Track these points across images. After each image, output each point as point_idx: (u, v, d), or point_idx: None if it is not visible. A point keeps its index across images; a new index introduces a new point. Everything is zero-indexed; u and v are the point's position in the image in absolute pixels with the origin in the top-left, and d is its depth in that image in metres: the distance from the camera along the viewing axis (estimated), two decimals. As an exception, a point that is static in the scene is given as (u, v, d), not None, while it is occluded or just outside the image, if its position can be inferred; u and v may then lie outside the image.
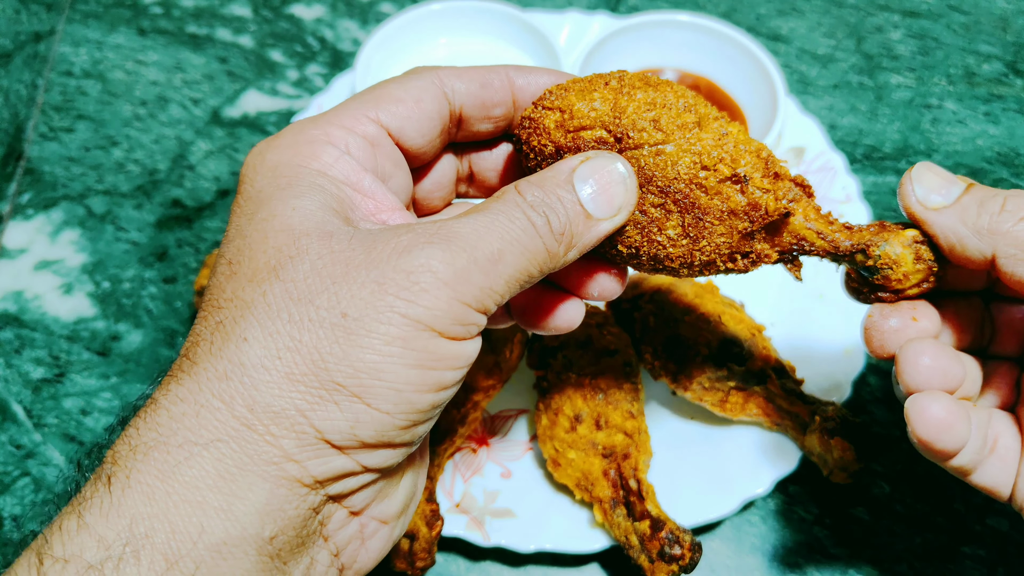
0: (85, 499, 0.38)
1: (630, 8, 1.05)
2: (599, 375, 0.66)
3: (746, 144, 0.46)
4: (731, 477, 0.68)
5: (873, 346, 0.49)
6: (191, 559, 0.37)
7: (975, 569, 0.67)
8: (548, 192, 0.43)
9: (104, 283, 0.84)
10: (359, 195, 0.45)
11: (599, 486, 0.65)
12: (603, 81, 0.47)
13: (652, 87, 0.46)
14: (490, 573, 0.68)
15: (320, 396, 0.39)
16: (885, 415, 0.75)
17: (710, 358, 0.68)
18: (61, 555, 0.37)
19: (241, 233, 0.42)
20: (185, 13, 1.06)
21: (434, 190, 0.53)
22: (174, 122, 0.96)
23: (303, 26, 1.04)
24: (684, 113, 0.45)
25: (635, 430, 0.65)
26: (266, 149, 0.45)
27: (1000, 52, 1.00)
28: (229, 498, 0.38)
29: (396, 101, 0.47)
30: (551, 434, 0.67)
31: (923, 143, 0.93)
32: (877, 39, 1.02)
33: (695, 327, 0.68)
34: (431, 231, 0.41)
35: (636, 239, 0.47)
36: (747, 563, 0.68)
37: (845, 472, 0.65)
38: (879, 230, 0.48)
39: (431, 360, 0.40)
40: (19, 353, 0.80)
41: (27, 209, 0.89)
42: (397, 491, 0.46)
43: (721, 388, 0.68)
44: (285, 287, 0.40)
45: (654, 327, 0.69)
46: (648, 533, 0.61)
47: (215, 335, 0.40)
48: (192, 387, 0.39)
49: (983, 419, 0.48)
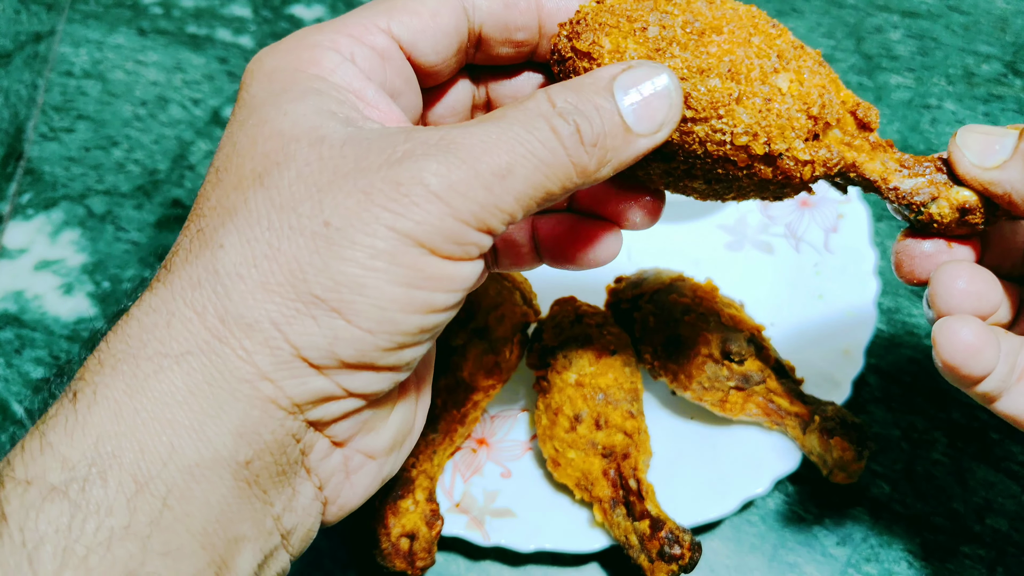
0: (49, 417, 0.36)
1: (630, 8, 1.06)
2: (599, 375, 0.66)
3: (796, 100, 0.42)
4: (730, 477, 0.68)
5: (903, 271, 0.47)
6: (162, 481, 0.35)
7: (974, 569, 0.67)
8: (583, 99, 0.39)
9: (104, 283, 0.84)
10: (363, 103, 0.42)
11: (599, 486, 0.65)
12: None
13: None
14: (490, 573, 0.68)
15: (296, 309, 0.36)
16: (885, 415, 0.75)
17: (710, 358, 0.68)
18: (23, 477, 0.34)
19: (232, 140, 0.40)
20: (185, 13, 1.06)
21: (446, 115, 0.49)
22: (174, 122, 0.96)
23: (303, 26, 1.04)
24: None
25: (635, 430, 0.66)
26: (265, 56, 0.42)
27: (999, 52, 1.00)
28: (200, 416, 0.35)
29: (411, 13, 0.43)
30: (551, 434, 0.67)
31: (922, 143, 0.93)
32: (876, 39, 1.02)
33: (695, 327, 0.68)
34: (432, 139, 0.37)
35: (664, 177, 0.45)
36: (747, 563, 0.68)
37: (845, 472, 0.65)
38: (931, 181, 0.45)
39: (420, 279, 0.37)
40: (19, 353, 0.80)
41: (27, 209, 0.89)
42: (386, 425, 0.43)
43: (721, 388, 0.68)
44: (268, 194, 0.37)
45: (654, 327, 0.69)
46: (648, 533, 0.61)
47: (193, 243, 0.38)
48: (165, 296, 0.37)
49: (1014, 346, 0.44)
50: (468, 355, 0.67)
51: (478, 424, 0.73)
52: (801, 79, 0.43)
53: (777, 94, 0.42)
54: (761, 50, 0.43)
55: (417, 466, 0.64)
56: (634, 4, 0.44)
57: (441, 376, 0.67)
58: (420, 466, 0.64)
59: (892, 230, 0.86)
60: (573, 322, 0.69)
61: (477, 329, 0.68)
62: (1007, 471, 0.72)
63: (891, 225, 0.87)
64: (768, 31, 0.44)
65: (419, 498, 0.63)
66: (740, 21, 0.43)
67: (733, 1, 0.45)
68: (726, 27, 0.43)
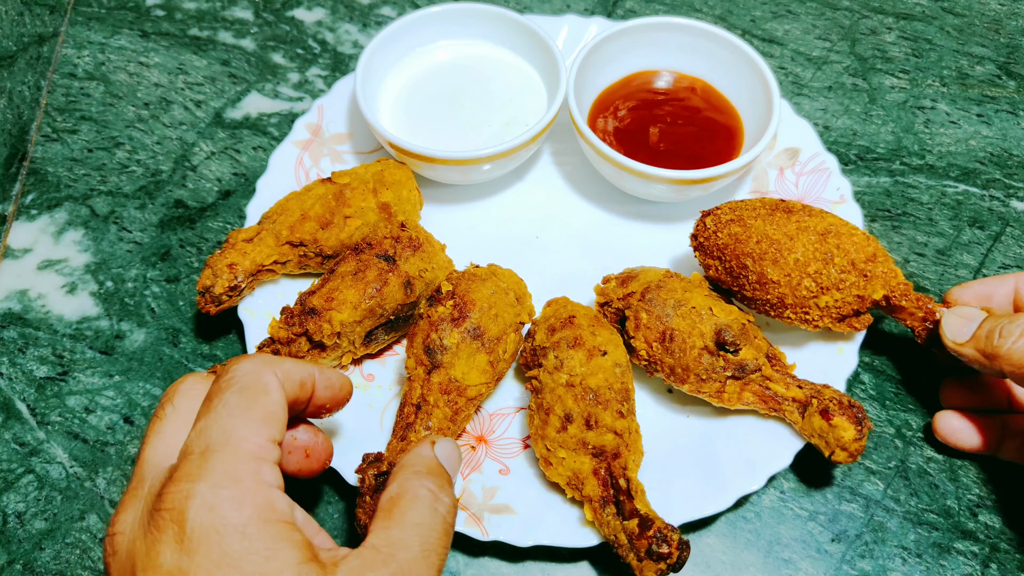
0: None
1: (627, 12, 1.06)
2: (589, 376, 0.67)
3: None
4: (725, 473, 0.69)
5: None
6: None
7: (968, 565, 0.68)
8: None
9: (107, 283, 0.85)
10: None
11: (589, 484, 0.65)
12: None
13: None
14: (489, 568, 0.69)
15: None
16: (878, 413, 0.76)
17: (704, 350, 0.69)
18: None
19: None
20: (187, 16, 1.07)
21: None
22: (177, 124, 0.97)
23: (304, 29, 1.05)
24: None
25: (625, 430, 0.66)
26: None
27: (993, 54, 1.01)
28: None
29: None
30: (542, 433, 0.67)
31: (916, 144, 0.94)
32: (871, 41, 1.03)
33: (687, 320, 0.69)
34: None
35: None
36: (742, 559, 0.69)
37: (847, 451, 0.66)
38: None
39: None
40: (23, 352, 0.81)
41: (31, 209, 0.90)
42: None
43: (717, 378, 0.69)
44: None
45: (647, 323, 0.70)
46: (636, 531, 0.61)
47: None
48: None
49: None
50: (461, 354, 0.68)
51: (477, 422, 0.74)
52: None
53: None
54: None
55: (415, 462, 0.65)
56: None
57: (435, 375, 0.68)
58: (418, 462, 0.65)
59: (886, 230, 0.87)
60: (564, 323, 0.70)
61: (471, 328, 0.68)
62: (999, 469, 0.73)
63: (885, 225, 0.87)
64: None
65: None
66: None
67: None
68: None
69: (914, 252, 0.86)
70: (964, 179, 0.91)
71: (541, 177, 0.90)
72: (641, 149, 0.84)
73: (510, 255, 0.84)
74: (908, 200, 0.89)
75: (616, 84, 0.90)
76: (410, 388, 0.68)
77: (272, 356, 0.55)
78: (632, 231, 0.86)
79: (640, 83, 0.90)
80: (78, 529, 0.71)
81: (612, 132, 0.86)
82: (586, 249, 0.85)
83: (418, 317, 0.71)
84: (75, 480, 0.74)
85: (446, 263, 0.77)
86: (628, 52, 0.90)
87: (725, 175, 0.78)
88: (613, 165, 0.80)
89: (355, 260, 0.73)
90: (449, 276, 0.72)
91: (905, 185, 0.90)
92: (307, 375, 0.56)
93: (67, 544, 0.70)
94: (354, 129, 0.91)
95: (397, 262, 0.73)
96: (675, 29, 0.88)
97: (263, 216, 0.79)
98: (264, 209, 0.83)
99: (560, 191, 0.89)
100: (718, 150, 0.84)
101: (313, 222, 0.77)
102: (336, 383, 0.59)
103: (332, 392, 0.59)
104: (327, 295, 0.71)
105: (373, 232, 0.77)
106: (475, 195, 0.89)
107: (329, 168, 0.88)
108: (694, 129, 0.86)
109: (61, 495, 0.73)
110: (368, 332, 0.73)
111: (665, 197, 0.84)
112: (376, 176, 0.80)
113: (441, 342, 0.68)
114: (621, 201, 0.88)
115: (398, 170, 0.81)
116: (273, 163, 0.87)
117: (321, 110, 0.91)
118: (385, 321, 0.73)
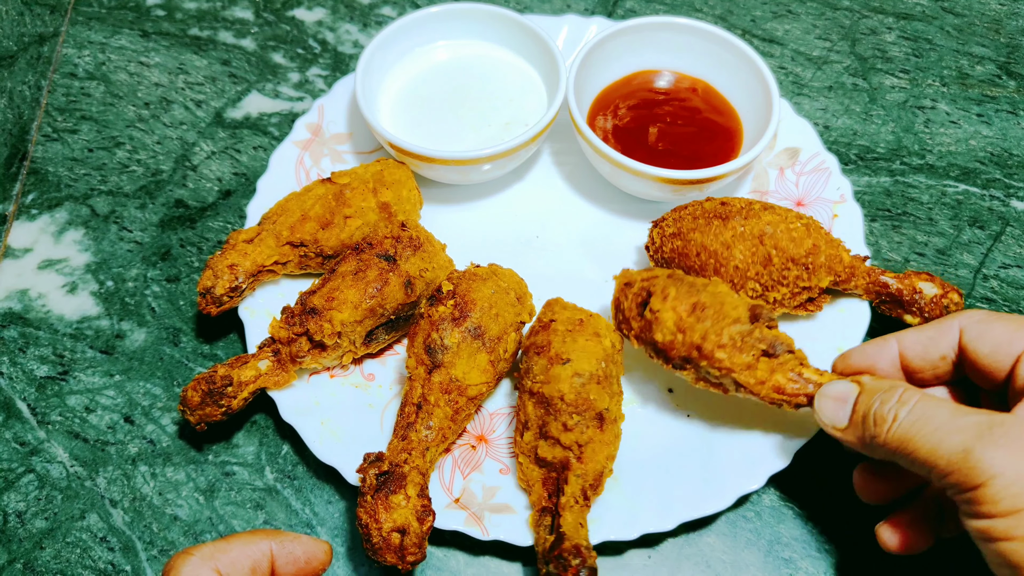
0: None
1: (627, 12, 1.06)
2: (546, 384, 0.66)
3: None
4: (725, 472, 0.69)
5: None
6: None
7: (967, 563, 0.68)
8: None
9: (108, 282, 0.85)
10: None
11: (535, 492, 0.67)
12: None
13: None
14: (489, 568, 0.69)
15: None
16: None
17: (738, 321, 0.64)
18: None
19: None
20: (188, 16, 1.07)
21: None
22: (177, 123, 0.97)
23: (304, 29, 1.05)
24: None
25: (573, 443, 0.65)
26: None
27: (993, 54, 1.01)
28: None
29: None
30: (516, 435, 0.69)
31: (916, 144, 0.94)
32: (871, 41, 1.03)
33: (716, 295, 0.66)
34: None
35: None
36: (742, 558, 0.69)
37: None
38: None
39: None
40: (24, 351, 0.81)
41: (31, 209, 0.90)
42: None
43: (752, 350, 0.64)
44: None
45: (675, 296, 0.66)
46: (548, 548, 0.62)
47: None
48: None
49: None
50: (462, 354, 0.68)
51: (477, 421, 0.74)
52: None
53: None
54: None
55: (409, 462, 0.64)
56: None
57: (435, 374, 0.68)
58: (412, 462, 0.65)
59: (886, 229, 0.87)
60: (543, 326, 0.69)
61: (472, 328, 0.69)
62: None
63: (885, 225, 0.88)
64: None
65: (411, 493, 0.63)
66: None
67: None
68: None
69: (914, 252, 0.86)
70: (964, 179, 0.91)
71: (541, 177, 0.90)
72: (639, 148, 0.84)
73: (510, 255, 0.84)
74: (908, 200, 0.89)
75: (617, 83, 0.90)
76: (411, 387, 0.68)
77: (219, 544, 0.53)
78: (632, 231, 0.86)
79: (641, 82, 0.91)
80: (78, 528, 0.71)
81: (611, 130, 0.86)
82: (586, 249, 0.85)
83: (419, 317, 0.71)
84: (75, 479, 0.74)
85: (447, 263, 0.77)
86: (628, 52, 0.90)
87: (721, 176, 0.78)
88: (610, 163, 0.80)
89: (356, 260, 0.73)
90: (450, 276, 0.72)
91: (905, 185, 0.91)
92: (260, 557, 0.54)
93: (67, 543, 0.71)
94: (354, 129, 0.91)
95: (398, 262, 0.73)
96: (675, 29, 0.89)
97: (263, 217, 0.80)
98: (264, 209, 0.83)
99: (560, 191, 0.89)
100: (716, 151, 0.85)
101: (313, 222, 0.77)
102: (303, 557, 0.56)
103: (297, 568, 0.55)
104: (328, 295, 0.71)
105: (373, 232, 0.77)
106: (475, 195, 0.89)
107: (329, 168, 0.88)
108: (693, 130, 0.86)
109: (62, 494, 0.73)
110: (369, 332, 0.74)
111: (662, 197, 0.84)
112: (376, 176, 0.80)
113: (442, 342, 0.68)
114: (621, 201, 0.88)
115: (398, 170, 0.81)
116: (273, 163, 0.87)
117: (321, 110, 0.91)
118: (386, 321, 0.74)
